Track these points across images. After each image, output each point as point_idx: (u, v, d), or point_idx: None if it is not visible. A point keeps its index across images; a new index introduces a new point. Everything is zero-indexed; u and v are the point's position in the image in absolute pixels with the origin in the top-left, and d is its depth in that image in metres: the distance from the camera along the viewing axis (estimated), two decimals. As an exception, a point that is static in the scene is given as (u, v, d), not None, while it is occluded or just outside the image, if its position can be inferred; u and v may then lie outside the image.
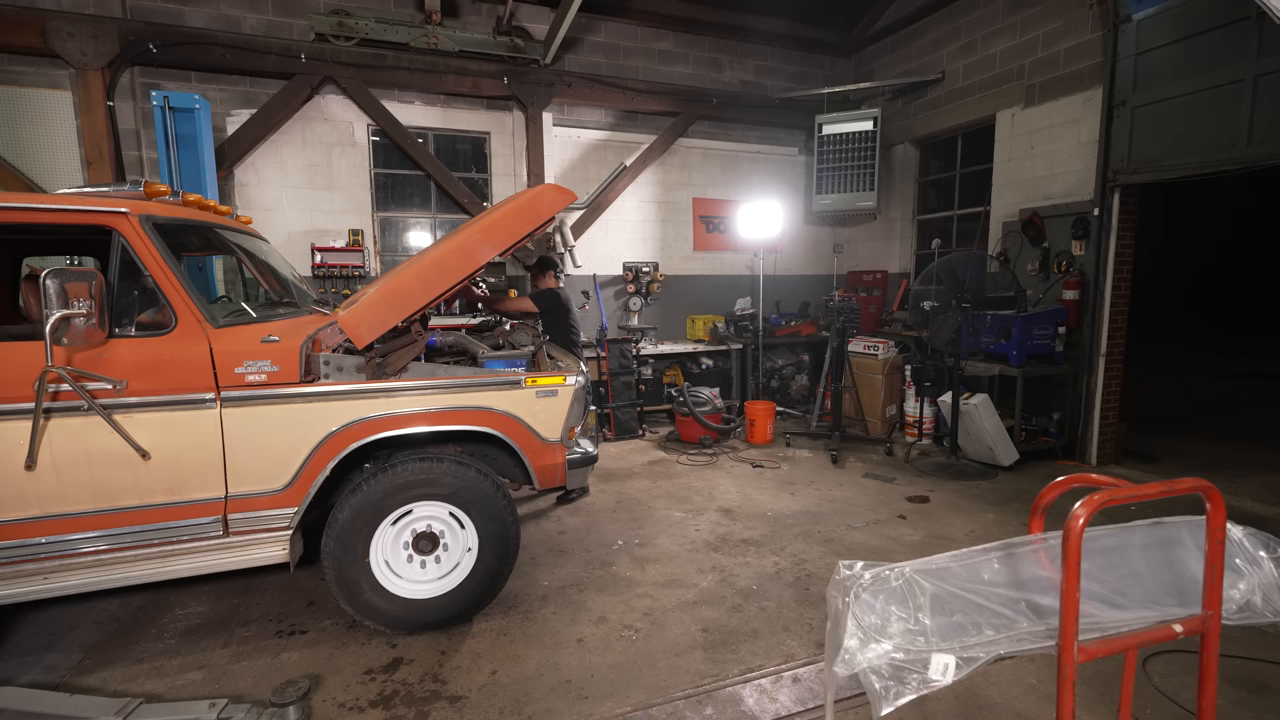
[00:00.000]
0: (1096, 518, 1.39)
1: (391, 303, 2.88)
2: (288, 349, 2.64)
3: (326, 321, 2.98)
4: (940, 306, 5.37)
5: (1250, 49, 4.38)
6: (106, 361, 2.43)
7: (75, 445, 2.43)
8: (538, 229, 3.14)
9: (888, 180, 7.73)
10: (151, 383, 2.48)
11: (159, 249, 2.57)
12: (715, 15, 7.30)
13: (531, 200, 3.16)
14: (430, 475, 2.87)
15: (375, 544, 2.85)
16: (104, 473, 2.48)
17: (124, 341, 2.48)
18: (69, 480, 2.45)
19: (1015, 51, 6.12)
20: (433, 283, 2.96)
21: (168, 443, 2.53)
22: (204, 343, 2.55)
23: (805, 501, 4.71)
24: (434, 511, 2.94)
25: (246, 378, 2.59)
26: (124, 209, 2.55)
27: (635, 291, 7.30)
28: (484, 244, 3.03)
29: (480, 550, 2.98)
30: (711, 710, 2.45)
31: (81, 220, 2.55)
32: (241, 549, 2.70)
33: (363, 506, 2.81)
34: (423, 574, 2.97)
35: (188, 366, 2.53)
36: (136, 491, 2.54)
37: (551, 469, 3.11)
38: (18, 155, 5.22)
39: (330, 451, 2.73)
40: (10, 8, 4.97)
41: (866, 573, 1.46)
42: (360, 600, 2.85)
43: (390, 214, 6.62)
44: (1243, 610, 1.58)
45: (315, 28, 5.78)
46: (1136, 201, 5.37)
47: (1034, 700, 2.49)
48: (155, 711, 2.27)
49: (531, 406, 3.02)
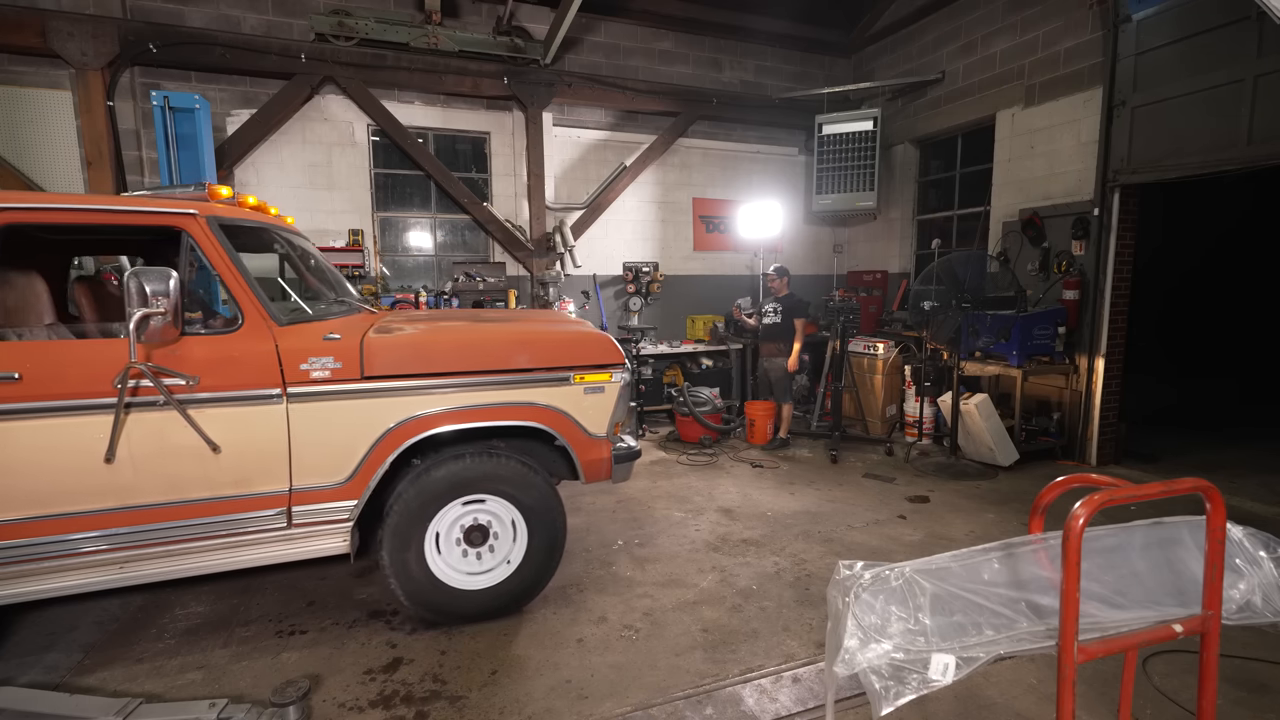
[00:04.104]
0: (1096, 518, 1.39)
1: (419, 355, 2.87)
2: (349, 346, 2.72)
3: (377, 319, 3.06)
4: (940, 306, 5.37)
5: (1250, 49, 4.38)
6: (179, 358, 2.50)
7: (151, 439, 2.50)
8: (571, 365, 3.12)
9: (888, 180, 7.73)
10: (221, 379, 2.55)
11: (226, 249, 2.64)
12: (715, 15, 7.30)
13: (582, 339, 3.17)
14: (487, 470, 2.94)
15: (430, 536, 2.91)
16: (177, 465, 2.55)
17: (195, 339, 2.56)
18: (145, 473, 2.52)
19: (1015, 51, 6.12)
20: (460, 360, 2.93)
21: (236, 437, 2.59)
22: (270, 340, 2.62)
23: (805, 501, 4.71)
24: (488, 506, 3.01)
25: (311, 374, 2.66)
26: (193, 210, 2.63)
27: (635, 291, 7.30)
28: (520, 354, 3.01)
29: (530, 544, 3.05)
30: (711, 710, 2.45)
31: (153, 221, 2.63)
32: (304, 540, 2.77)
33: (422, 499, 2.86)
34: (479, 565, 3.04)
35: (255, 363, 2.60)
36: (206, 484, 2.61)
37: (598, 463, 3.18)
38: (18, 155, 5.22)
39: (390, 446, 2.79)
40: (10, 8, 4.97)
41: (866, 573, 1.46)
42: (414, 590, 2.90)
43: (390, 214, 6.62)
44: (1243, 610, 1.57)
45: (315, 28, 5.78)
46: (1136, 201, 5.37)
47: (1034, 700, 2.49)
48: (155, 711, 2.27)
49: (580, 402, 3.08)
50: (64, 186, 5.28)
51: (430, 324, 3.19)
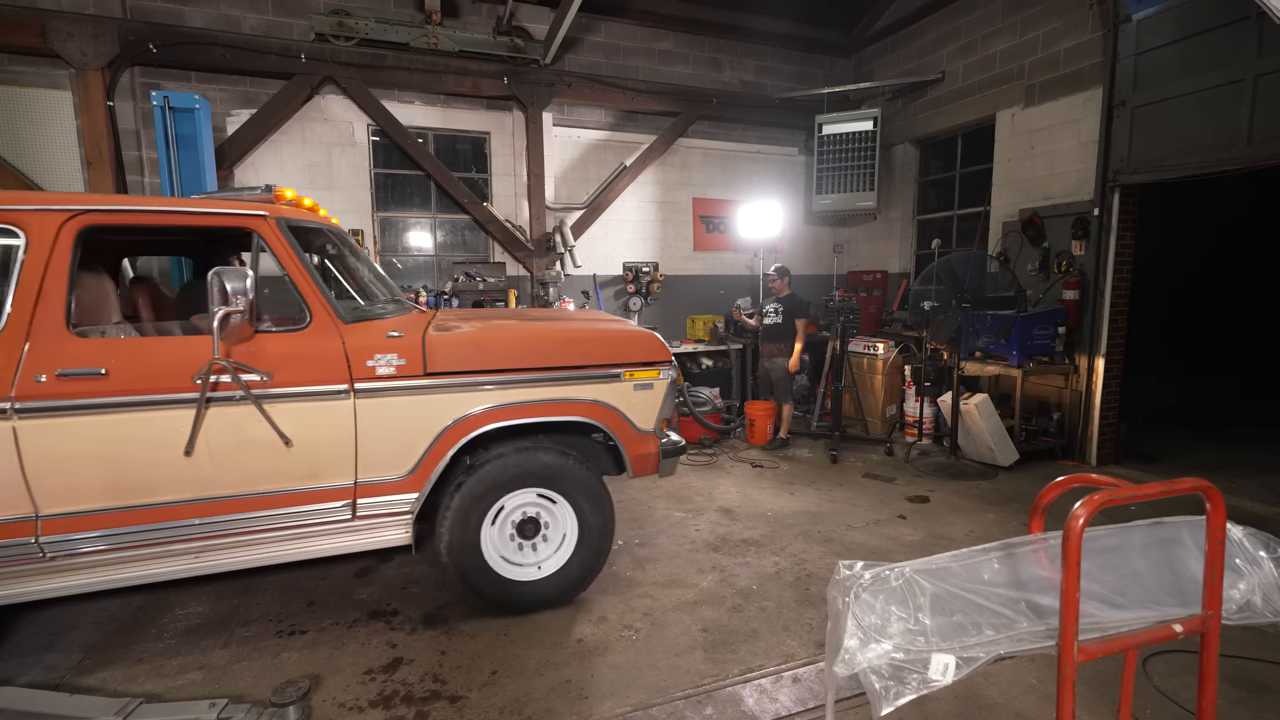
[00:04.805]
0: (1096, 518, 1.39)
1: (479, 352, 2.95)
2: (411, 343, 2.80)
3: (432, 318, 3.17)
4: (940, 306, 5.37)
5: (1250, 49, 4.38)
6: (253, 355, 2.59)
7: (228, 433, 2.58)
8: (622, 362, 3.20)
9: (888, 180, 7.73)
10: (292, 374, 2.64)
11: (294, 248, 2.73)
12: (715, 15, 7.29)
13: (632, 337, 3.26)
14: (547, 464, 3.04)
15: (486, 528, 3.01)
16: (252, 459, 2.63)
17: (267, 336, 2.65)
18: (222, 465, 2.60)
19: (1015, 51, 6.12)
20: (517, 357, 3.00)
21: (307, 431, 2.67)
22: (337, 337, 2.72)
23: (805, 501, 4.71)
24: (539, 499, 3.10)
25: (377, 370, 2.74)
26: (264, 212, 2.72)
27: (635, 291, 7.30)
28: (574, 351, 3.10)
29: (581, 537, 3.15)
30: (711, 710, 2.45)
31: (227, 223, 2.72)
32: (367, 532, 2.85)
33: (482, 490, 2.96)
34: (535, 556, 3.14)
35: (324, 360, 2.69)
36: (278, 477, 2.69)
37: (646, 458, 3.26)
38: (18, 155, 5.21)
39: (451, 440, 2.87)
40: (10, 8, 4.97)
41: (866, 573, 1.46)
42: (471, 581, 2.99)
43: (390, 214, 6.62)
44: (1243, 610, 1.57)
45: (315, 28, 5.78)
46: (1136, 201, 5.37)
47: (1034, 700, 2.49)
48: (155, 711, 2.27)
49: (629, 398, 3.17)
50: (64, 186, 5.28)
51: (484, 322, 3.27)
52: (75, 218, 2.49)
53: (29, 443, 2.38)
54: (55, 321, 2.43)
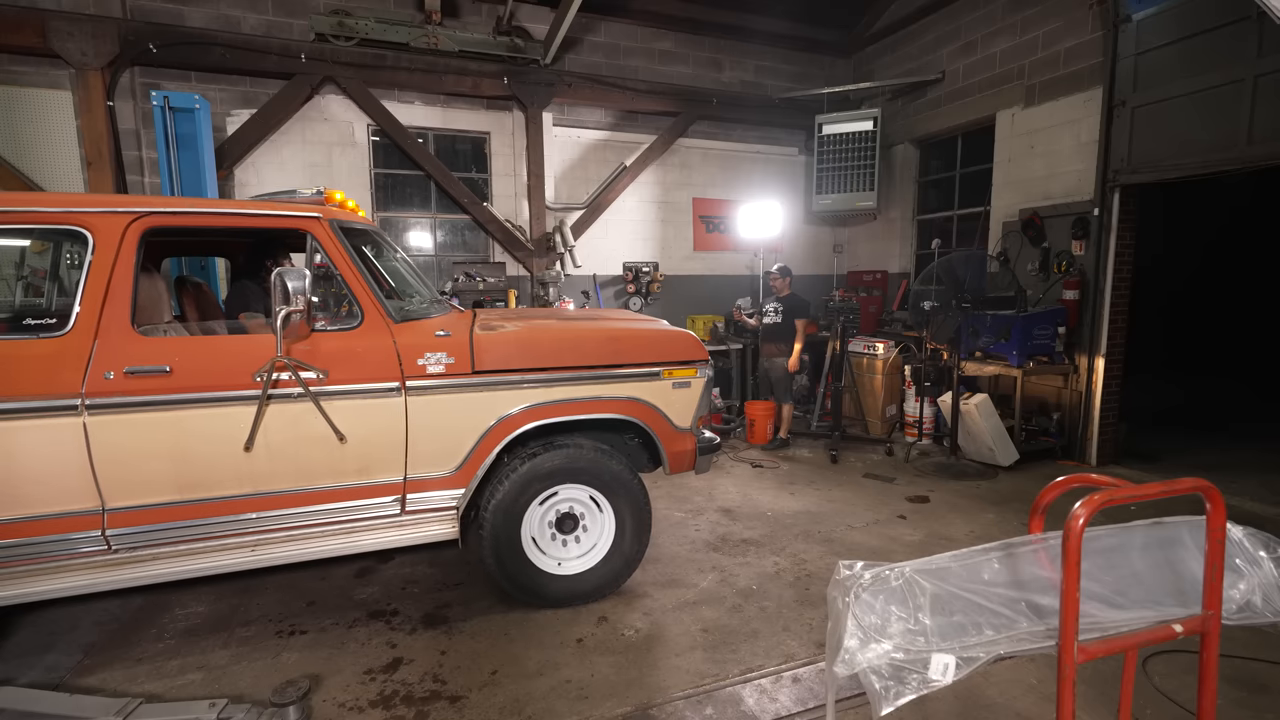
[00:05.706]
0: (1096, 518, 1.39)
1: (525, 350, 3.01)
2: (460, 342, 2.88)
3: (475, 317, 3.24)
4: (940, 306, 5.37)
5: (1250, 49, 4.38)
6: (310, 353, 2.66)
7: (286, 429, 2.65)
8: (662, 361, 3.26)
9: (888, 180, 7.73)
10: (346, 372, 2.71)
11: (347, 249, 2.80)
12: (715, 15, 7.29)
13: (671, 337, 3.33)
14: (580, 461, 3.09)
15: (527, 520, 3.07)
16: (308, 454, 2.70)
17: (322, 335, 2.72)
18: (279, 460, 2.67)
19: (1015, 51, 6.12)
20: (561, 356, 3.07)
21: (360, 428, 2.74)
22: (388, 336, 2.78)
23: (805, 501, 4.71)
24: (576, 494, 3.16)
25: (427, 369, 2.81)
26: (318, 214, 2.78)
27: (635, 291, 7.29)
28: (615, 350, 3.16)
29: (619, 532, 3.21)
30: (711, 710, 2.45)
31: (283, 224, 2.78)
32: (415, 527, 2.92)
33: (524, 484, 3.01)
34: (574, 550, 3.21)
35: (377, 358, 2.75)
36: (332, 472, 2.76)
37: (683, 455, 3.33)
38: (18, 155, 5.21)
39: (497, 437, 2.94)
40: (10, 8, 4.97)
41: (866, 573, 1.46)
42: (509, 573, 3.04)
43: (390, 214, 6.62)
44: (1243, 610, 1.57)
45: (315, 28, 5.78)
46: (1136, 202, 5.37)
47: (1034, 700, 2.49)
48: (155, 711, 2.27)
49: (668, 396, 3.24)
50: (64, 187, 5.28)
51: (527, 321, 3.32)
52: (140, 219, 2.55)
53: (98, 438, 2.44)
54: (122, 320, 2.49)
